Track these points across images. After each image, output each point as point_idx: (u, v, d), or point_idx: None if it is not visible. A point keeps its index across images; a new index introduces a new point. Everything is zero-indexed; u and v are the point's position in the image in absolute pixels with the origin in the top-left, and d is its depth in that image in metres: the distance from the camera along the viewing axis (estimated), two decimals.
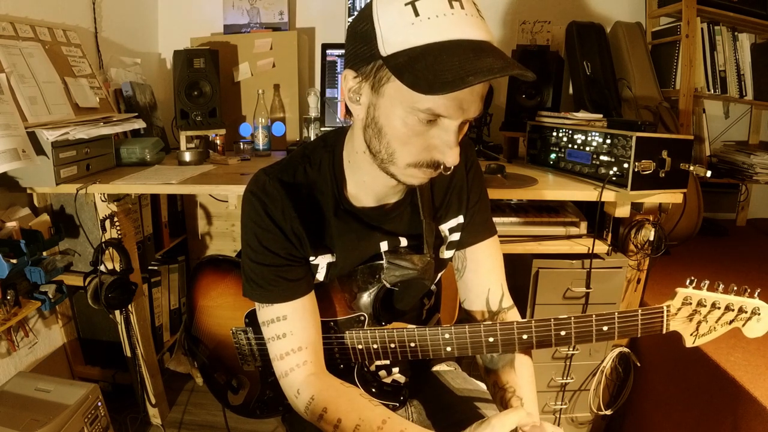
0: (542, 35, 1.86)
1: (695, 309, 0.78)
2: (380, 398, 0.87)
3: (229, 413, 1.04)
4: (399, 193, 0.81)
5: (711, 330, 0.79)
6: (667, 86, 2.03)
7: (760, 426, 1.04)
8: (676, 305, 0.78)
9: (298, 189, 0.78)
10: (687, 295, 0.78)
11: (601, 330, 0.78)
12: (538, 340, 0.79)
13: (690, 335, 0.80)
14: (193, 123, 1.78)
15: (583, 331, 0.78)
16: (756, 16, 2.03)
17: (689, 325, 0.79)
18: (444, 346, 0.80)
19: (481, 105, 0.66)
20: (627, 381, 1.55)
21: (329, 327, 0.85)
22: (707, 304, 0.77)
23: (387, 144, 0.68)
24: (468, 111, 0.64)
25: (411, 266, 0.80)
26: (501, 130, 1.88)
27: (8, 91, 1.24)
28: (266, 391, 0.96)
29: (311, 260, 0.81)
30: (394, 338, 0.81)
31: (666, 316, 0.78)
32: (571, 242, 1.43)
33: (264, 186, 0.77)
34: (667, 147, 1.24)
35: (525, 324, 0.78)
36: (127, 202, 1.46)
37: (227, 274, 0.98)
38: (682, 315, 0.79)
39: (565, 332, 0.78)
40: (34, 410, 1.23)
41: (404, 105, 0.64)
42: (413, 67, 0.59)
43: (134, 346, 1.54)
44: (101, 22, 1.80)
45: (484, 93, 0.65)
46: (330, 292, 0.85)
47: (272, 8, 2.05)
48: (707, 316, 0.78)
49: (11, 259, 1.21)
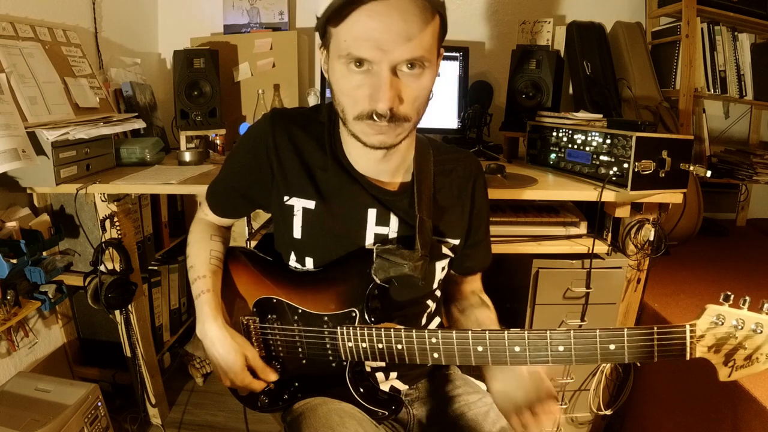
0: (542, 35, 1.86)
1: (729, 332, 0.62)
2: (369, 403, 0.86)
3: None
4: (397, 173, 0.86)
5: (753, 361, 0.62)
6: (667, 86, 2.03)
7: (760, 426, 1.04)
8: (704, 326, 0.63)
9: (299, 131, 0.85)
10: (720, 313, 0.62)
11: (607, 349, 0.67)
12: (532, 356, 0.71)
13: (725, 366, 0.63)
14: (193, 123, 1.78)
15: (585, 348, 0.69)
16: (756, 16, 2.03)
17: (722, 353, 0.63)
18: (431, 352, 0.77)
19: (411, 46, 0.66)
20: (627, 381, 1.55)
21: (323, 321, 0.85)
22: (746, 326, 0.61)
23: (338, 101, 0.74)
24: (391, 52, 0.66)
25: (401, 261, 0.78)
26: (501, 130, 1.88)
27: (8, 91, 1.24)
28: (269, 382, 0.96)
29: (286, 200, 0.86)
30: (381, 338, 0.79)
31: (689, 339, 0.63)
32: (571, 242, 1.43)
33: (271, 116, 0.86)
34: (667, 147, 1.24)
35: (518, 335, 0.72)
36: (127, 202, 1.46)
37: (244, 264, 0.97)
38: (711, 339, 0.63)
39: (564, 348, 0.70)
40: (34, 410, 1.23)
41: (336, 56, 0.70)
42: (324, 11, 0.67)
43: (134, 346, 1.54)
44: (101, 22, 1.80)
45: (411, 34, 0.66)
46: (324, 286, 0.86)
47: (272, 8, 2.05)
48: (746, 342, 0.61)
49: (11, 259, 1.21)
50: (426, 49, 0.68)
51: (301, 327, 0.86)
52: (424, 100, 0.73)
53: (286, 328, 0.88)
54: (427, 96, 0.74)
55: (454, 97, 1.85)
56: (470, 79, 1.92)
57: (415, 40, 0.66)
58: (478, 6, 2.13)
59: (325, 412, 0.84)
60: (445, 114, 1.86)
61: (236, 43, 2.00)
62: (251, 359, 0.87)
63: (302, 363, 0.89)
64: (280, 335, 0.89)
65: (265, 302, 0.89)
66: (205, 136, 1.88)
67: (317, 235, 0.86)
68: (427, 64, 0.69)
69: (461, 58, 1.84)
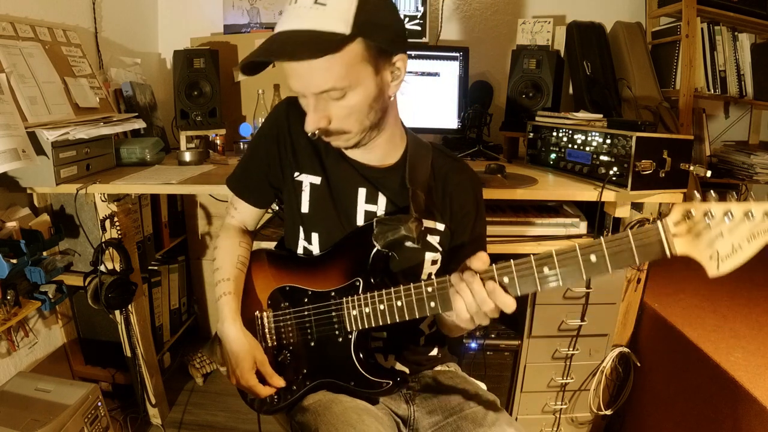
0: (542, 35, 1.85)
1: (702, 224, 0.62)
2: (374, 376, 0.89)
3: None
4: (386, 160, 0.93)
5: (735, 249, 0.61)
6: (667, 86, 2.03)
7: (760, 426, 1.04)
8: (675, 219, 0.64)
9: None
10: (687, 208, 0.63)
11: (589, 261, 0.68)
12: (521, 284, 0.72)
13: (710, 259, 0.63)
14: (193, 123, 1.78)
15: (570, 266, 0.70)
16: (756, 16, 2.03)
17: (703, 246, 0.62)
18: (428, 301, 0.80)
19: (318, 84, 0.75)
20: (627, 381, 1.55)
21: (330, 296, 0.90)
22: (716, 216, 0.61)
23: None
24: (308, 85, 0.77)
25: (397, 224, 0.84)
26: (501, 130, 1.88)
27: (8, 91, 1.24)
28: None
29: (296, 176, 0.95)
30: (383, 299, 0.83)
31: (663, 234, 0.64)
32: (571, 242, 1.43)
33: (286, 103, 0.96)
34: (667, 147, 1.24)
35: (505, 267, 0.73)
36: (127, 202, 1.46)
37: (260, 263, 1.01)
38: (685, 232, 0.63)
39: (549, 268, 0.71)
40: (34, 410, 1.23)
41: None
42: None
43: (134, 346, 1.54)
44: (101, 22, 1.80)
45: (315, 77, 0.75)
46: (330, 265, 0.92)
47: (272, 8, 2.05)
48: (722, 231, 0.61)
49: (11, 259, 1.21)
50: (336, 80, 0.75)
51: (311, 307, 0.91)
52: (359, 113, 0.80)
53: (298, 311, 0.93)
54: (365, 108, 0.80)
55: (454, 97, 1.85)
56: (470, 79, 1.92)
57: (319, 79, 0.75)
58: (478, 6, 2.13)
59: (342, 410, 0.85)
60: (445, 114, 1.86)
61: (236, 43, 2.00)
62: (260, 363, 0.93)
63: (311, 346, 0.92)
64: (292, 320, 0.93)
65: (278, 293, 0.95)
66: (205, 136, 1.88)
67: (322, 209, 0.94)
68: (346, 88, 0.77)
69: (461, 58, 1.84)
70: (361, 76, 0.77)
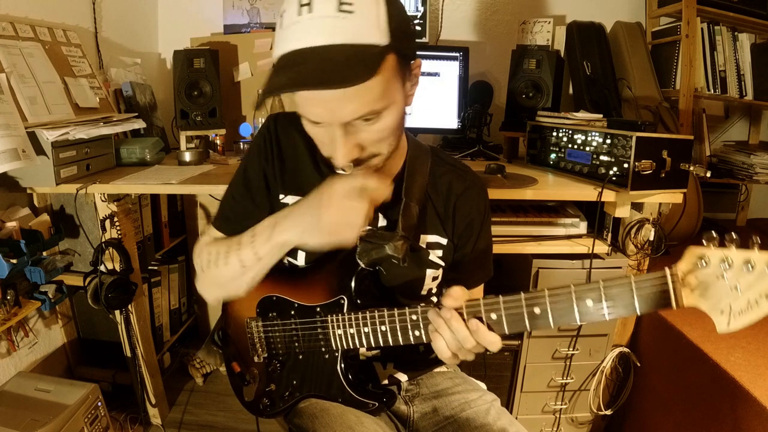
0: (542, 35, 1.86)
1: (716, 274, 0.54)
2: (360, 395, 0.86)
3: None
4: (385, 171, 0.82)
5: (751, 305, 0.53)
6: (667, 86, 2.03)
7: (760, 426, 1.04)
8: (685, 268, 0.56)
9: (294, 131, 0.85)
10: (703, 254, 0.55)
11: (585, 305, 0.62)
12: (509, 323, 0.67)
13: (720, 314, 0.54)
14: (193, 123, 1.78)
15: (562, 307, 0.64)
16: (756, 16, 2.03)
17: (715, 299, 0.55)
18: (412, 330, 0.75)
19: (354, 110, 0.65)
20: (627, 381, 1.55)
21: (315, 312, 0.86)
22: (735, 265, 0.53)
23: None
24: (339, 114, 0.65)
25: (380, 242, 0.77)
26: (501, 130, 1.88)
27: (8, 91, 1.24)
28: (269, 384, 0.96)
29: (281, 199, 0.87)
30: (367, 322, 0.79)
31: (671, 284, 0.56)
32: (571, 242, 1.43)
33: (270, 121, 0.88)
34: (667, 147, 1.24)
35: (493, 302, 0.68)
36: (127, 202, 1.46)
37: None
38: (697, 283, 0.55)
39: (540, 310, 0.65)
40: (34, 410, 1.23)
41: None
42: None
43: (134, 346, 1.54)
44: (101, 22, 1.80)
45: (353, 104, 0.65)
46: (316, 279, 0.88)
47: (272, 8, 2.05)
48: (738, 283, 0.53)
49: (11, 259, 1.21)
50: (374, 103, 0.66)
51: (298, 321, 0.88)
52: (392, 134, 0.72)
53: (286, 324, 0.89)
54: (393, 128, 0.71)
55: (454, 97, 1.85)
56: (470, 79, 1.92)
57: (355, 104, 0.65)
58: (478, 6, 2.13)
59: (340, 412, 0.84)
60: (445, 114, 1.86)
61: (236, 43, 2.00)
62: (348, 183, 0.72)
63: (299, 359, 0.90)
64: (280, 332, 0.90)
65: (266, 301, 0.91)
66: (205, 136, 1.88)
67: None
68: (382, 110, 0.68)
69: (461, 58, 1.84)
70: (394, 93, 0.68)
